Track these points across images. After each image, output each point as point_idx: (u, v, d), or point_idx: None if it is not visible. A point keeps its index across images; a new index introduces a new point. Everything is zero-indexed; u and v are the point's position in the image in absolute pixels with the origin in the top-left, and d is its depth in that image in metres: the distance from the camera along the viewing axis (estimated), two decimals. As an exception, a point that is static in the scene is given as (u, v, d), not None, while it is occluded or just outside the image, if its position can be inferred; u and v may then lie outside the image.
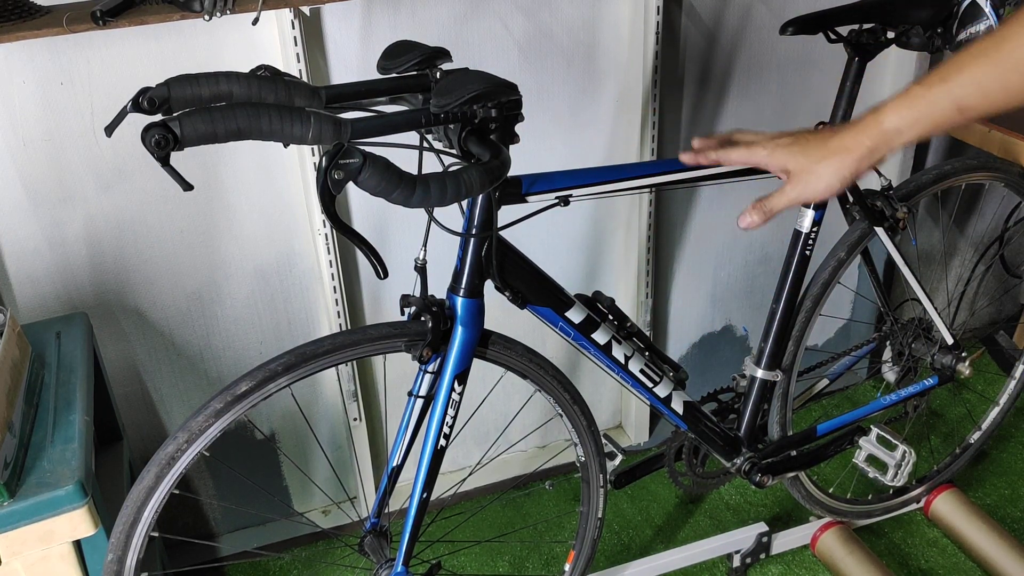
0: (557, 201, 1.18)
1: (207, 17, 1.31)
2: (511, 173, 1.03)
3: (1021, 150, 1.74)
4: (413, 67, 1.08)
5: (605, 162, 1.84)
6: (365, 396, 1.86)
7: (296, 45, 1.47)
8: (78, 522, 1.14)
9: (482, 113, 0.99)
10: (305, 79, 1.49)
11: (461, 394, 1.23)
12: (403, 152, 1.02)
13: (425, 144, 1.06)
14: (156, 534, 1.14)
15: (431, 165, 1.04)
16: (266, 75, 1.03)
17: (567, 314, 1.28)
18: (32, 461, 1.17)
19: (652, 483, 2.05)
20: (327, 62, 1.57)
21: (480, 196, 1.12)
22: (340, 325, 1.74)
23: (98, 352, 1.55)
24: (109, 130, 0.92)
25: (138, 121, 0.88)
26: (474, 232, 1.15)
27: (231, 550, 1.89)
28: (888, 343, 1.75)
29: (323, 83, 1.58)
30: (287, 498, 1.97)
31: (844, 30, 1.43)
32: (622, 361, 1.35)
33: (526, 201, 1.17)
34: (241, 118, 0.86)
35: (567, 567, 1.56)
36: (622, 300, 1.99)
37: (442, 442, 1.24)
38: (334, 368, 1.18)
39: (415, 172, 0.93)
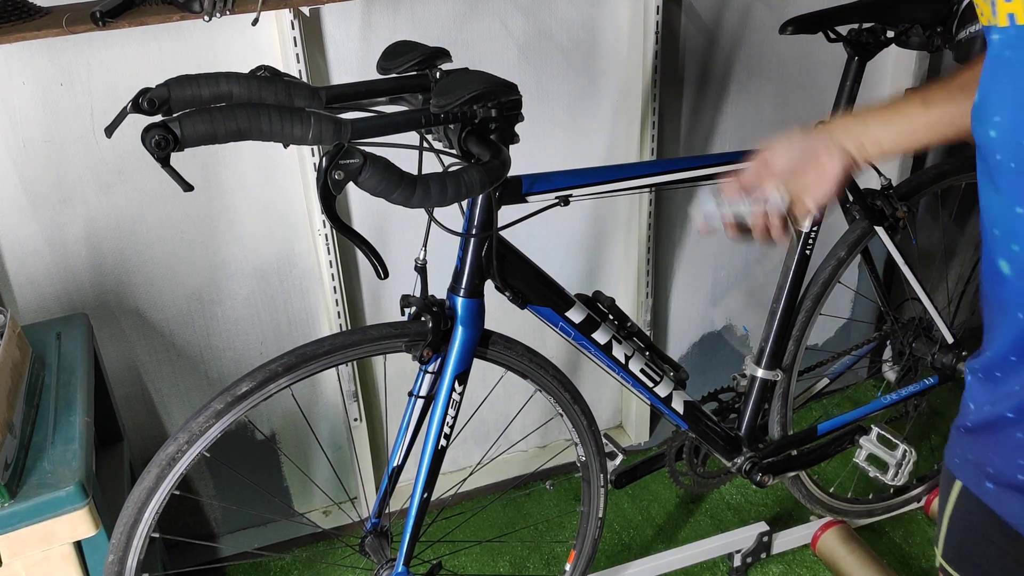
0: (557, 201, 1.18)
1: (207, 18, 1.31)
2: (511, 173, 1.03)
3: (1021, 149, 1.73)
4: (413, 67, 1.08)
5: (605, 162, 1.84)
6: (365, 396, 1.86)
7: (296, 45, 1.47)
8: (79, 523, 1.14)
9: (482, 113, 0.99)
10: (305, 79, 1.49)
11: (461, 394, 1.23)
12: (403, 152, 1.02)
13: (425, 144, 1.06)
14: (157, 535, 1.14)
15: (431, 165, 1.04)
16: (266, 75, 1.03)
17: (567, 314, 1.28)
18: (33, 462, 1.17)
19: (653, 483, 2.05)
20: (327, 62, 1.56)
21: (480, 196, 1.12)
22: (340, 325, 1.74)
23: (98, 353, 1.55)
24: (109, 131, 0.92)
25: (138, 122, 0.88)
26: (474, 232, 1.15)
27: (232, 551, 1.89)
28: (888, 342, 1.75)
29: (323, 83, 1.58)
30: (288, 498, 1.97)
31: (844, 29, 1.43)
32: (622, 361, 1.35)
33: (526, 201, 1.17)
34: (241, 118, 0.86)
35: (568, 567, 1.56)
36: (622, 300, 1.99)
37: (442, 442, 1.24)
38: (334, 368, 1.18)
39: (415, 172, 0.93)
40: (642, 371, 1.38)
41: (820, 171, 0.95)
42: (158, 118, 0.86)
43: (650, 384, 1.40)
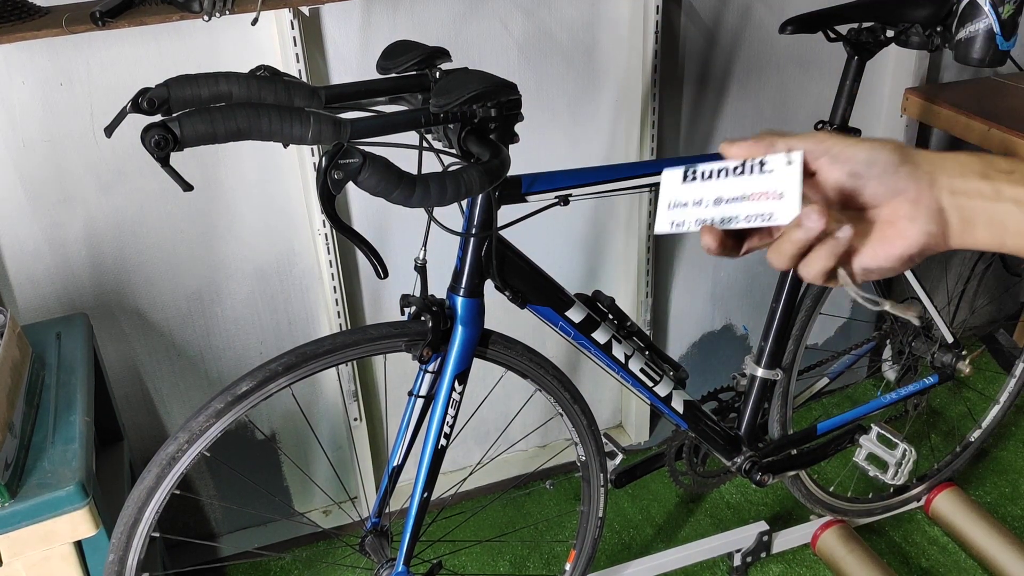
0: (557, 201, 1.18)
1: (206, 18, 1.31)
2: (511, 173, 1.03)
3: (1021, 148, 1.74)
4: (412, 67, 1.08)
5: (605, 161, 1.84)
6: (365, 396, 1.86)
7: (295, 45, 1.47)
8: (79, 523, 1.14)
9: (482, 113, 0.99)
10: (304, 79, 1.49)
11: (461, 394, 1.23)
12: (403, 152, 1.02)
13: (425, 144, 1.06)
14: (157, 534, 1.14)
15: (431, 165, 1.04)
16: (265, 75, 1.03)
17: (567, 313, 1.28)
18: (33, 462, 1.17)
19: (653, 482, 2.05)
20: (326, 62, 1.56)
21: (480, 196, 1.12)
22: (340, 325, 1.74)
23: (98, 353, 1.55)
24: (109, 131, 0.92)
25: (138, 122, 0.88)
26: (474, 232, 1.15)
27: (232, 550, 1.89)
28: (888, 342, 1.75)
29: (322, 83, 1.58)
30: (288, 498, 1.97)
31: (843, 29, 1.43)
32: (622, 360, 1.35)
33: (526, 201, 1.17)
34: (241, 118, 0.86)
35: (568, 566, 1.56)
36: (622, 299, 1.99)
37: (442, 442, 1.25)
38: (334, 368, 1.18)
39: (415, 172, 0.93)
40: (642, 370, 1.38)
41: (889, 231, 0.55)
42: (158, 118, 0.86)
43: (650, 383, 1.40)
